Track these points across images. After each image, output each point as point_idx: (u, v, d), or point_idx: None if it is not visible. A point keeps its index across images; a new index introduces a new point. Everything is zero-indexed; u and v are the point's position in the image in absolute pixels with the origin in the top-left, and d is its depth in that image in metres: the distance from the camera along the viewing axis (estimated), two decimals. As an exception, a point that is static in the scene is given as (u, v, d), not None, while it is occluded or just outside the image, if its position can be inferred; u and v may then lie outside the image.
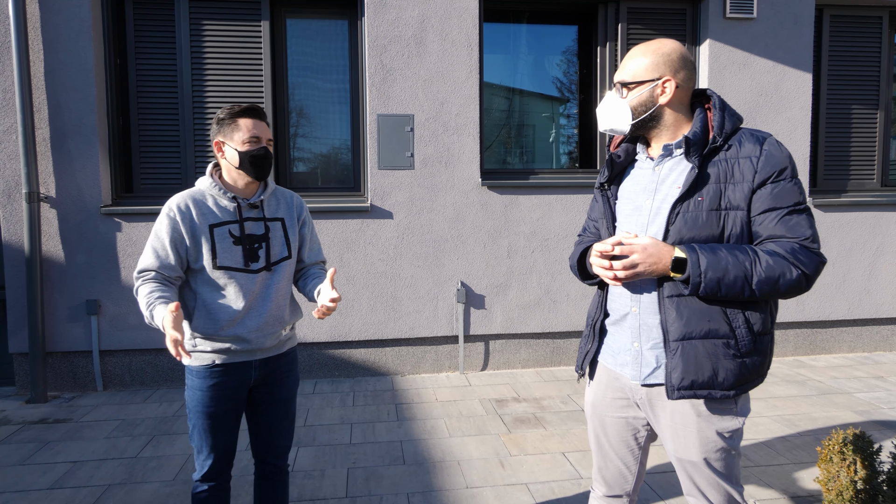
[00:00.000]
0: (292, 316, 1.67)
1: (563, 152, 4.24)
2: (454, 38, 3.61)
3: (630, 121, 1.29)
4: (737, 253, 1.17)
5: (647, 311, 1.29)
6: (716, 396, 1.22)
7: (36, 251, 3.30)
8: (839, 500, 1.87)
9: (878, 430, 2.83)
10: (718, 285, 1.16)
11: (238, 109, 1.55)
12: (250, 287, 1.55)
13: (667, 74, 1.25)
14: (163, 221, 1.53)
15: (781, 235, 1.19)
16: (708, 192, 1.21)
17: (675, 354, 1.22)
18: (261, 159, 1.56)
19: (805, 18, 3.87)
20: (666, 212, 1.25)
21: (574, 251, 1.48)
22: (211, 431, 1.57)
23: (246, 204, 1.59)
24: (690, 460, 1.27)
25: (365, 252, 3.66)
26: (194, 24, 3.55)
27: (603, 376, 1.43)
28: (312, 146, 3.86)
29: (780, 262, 1.16)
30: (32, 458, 2.62)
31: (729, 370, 1.21)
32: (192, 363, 1.58)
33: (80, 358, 3.52)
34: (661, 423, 1.32)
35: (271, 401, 1.66)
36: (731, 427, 1.25)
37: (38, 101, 3.33)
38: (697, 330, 1.21)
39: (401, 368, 3.79)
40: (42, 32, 3.31)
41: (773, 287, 1.16)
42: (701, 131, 1.24)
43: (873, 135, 4.20)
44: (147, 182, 3.63)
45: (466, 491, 2.30)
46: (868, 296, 4.11)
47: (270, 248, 1.59)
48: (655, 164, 1.32)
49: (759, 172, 1.20)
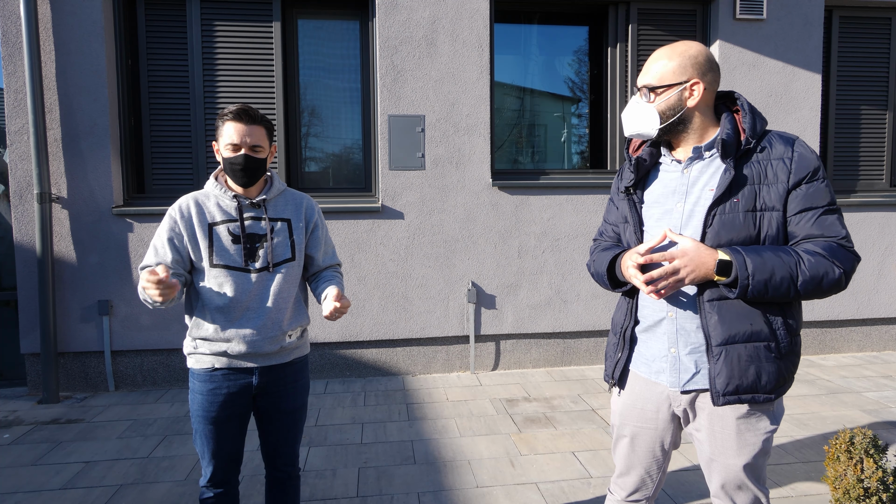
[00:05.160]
0: (296, 321, 1.61)
1: (573, 152, 4.24)
2: (465, 38, 3.62)
3: (658, 125, 1.27)
4: (780, 254, 1.16)
5: (684, 316, 1.26)
6: (759, 400, 1.21)
7: (48, 252, 3.31)
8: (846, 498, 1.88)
9: (886, 430, 2.83)
10: (766, 287, 1.15)
11: (226, 112, 1.51)
12: (248, 287, 1.52)
13: (695, 77, 1.24)
14: (165, 221, 1.55)
15: (819, 235, 1.19)
16: (743, 194, 1.20)
17: (718, 360, 1.21)
18: (238, 167, 1.50)
19: (815, 19, 3.87)
20: (701, 215, 1.24)
21: (598, 259, 1.43)
22: (213, 437, 1.55)
23: (247, 203, 1.57)
24: (726, 462, 1.26)
25: (376, 252, 3.66)
26: (206, 25, 3.56)
27: (635, 386, 1.39)
28: (324, 146, 3.87)
29: (822, 262, 1.16)
30: (45, 458, 2.63)
31: (770, 373, 1.20)
32: (193, 366, 1.57)
33: (91, 358, 3.52)
34: (700, 427, 1.30)
35: (277, 411, 1.62)
36: (768, 429, 1.25)
37: (49, 102, 3.34)
38: (741, 333, 1.20)
39: (412, 368, 3.79)
40: (54, 33, 3.32)
41: (816, 286, 1.16)
42: (733, 133, 1.23)
43: (882, 135, 4.20)
44: (159, 182, 3.64)
45: (477, 490, 2.31)
46: (877, 295, 4.12)
47: (272, 248, 1.56)
48: (684, 167, 1.30)
49: (793, 173, 1.20)
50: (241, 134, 1.50)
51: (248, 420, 1.63)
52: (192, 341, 1.57)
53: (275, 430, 1.64)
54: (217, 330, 1.53)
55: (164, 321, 3.51)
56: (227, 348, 1.54)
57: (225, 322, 1.53)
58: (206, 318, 1.54)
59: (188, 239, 1.53)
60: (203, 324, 1.54)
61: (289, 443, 1.67)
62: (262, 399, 1.62)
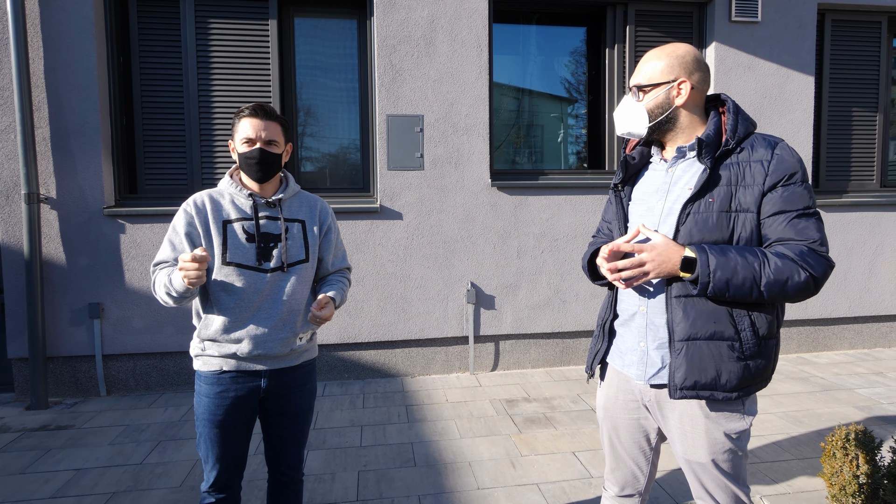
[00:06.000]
0: (308, 324, 1.59)
1: (572, 153, 4.26)
2: (464, 38, 3.61)
3: (647, 123, 1.30)
4: (746, 254, 1.17)
5: (654, 311, 1.29)
6: (718, 398, 1.22)
7: (36, 253, 3.22)
8: (842, 494, 1.91)
9: (878, 426, 2.87)
10: (727, 286, 1.16)
11: (242, 109, 1.53)
12: (260, 287, 1.50)
13: (682, 76, 1.27)
14: (180, 216, 1.53)
15: (790, 238, 1.19)
16: (719, 194, 1.22)
17: (679, 354, 1.23)
18: (253, 161, 1.50)
19: (808, 22, 3.93)
20: (677, 212, 1.26)
21: (586, 252, 1.48)
22: (218, 441, 1.53)
23: (263, 202, 1.55)
24: (699, 461, 1.28)
25: (374, 253, 3.63)
26: (200, 23, 3.50)
27: (613, 378, 1.43)
28: (321, 146, 3.82)
29: (788, 265, 1.16)
30: (34, 466, 2.55)
31: (732, 372, 1.21)
32: (200, 368, 1.55)
33: (82, 363, 3.44)
34: (669, 425, 1.32)
35: (283, 414, 1.60)
36: (738, 428, 1.25)
37: (37, 100, 3.25)
38: (703, 331, 1.21)
39: (411, 370, 3.76)
40: (42, 29, 3.23)
41: (781, 289, 1.16)
42: (714, 134, 1.25)
43: (873, 137, 4.28)
44: (152, 183, 3.57)
45: (478, 492, 2.29)
46: (868, 293, 4.19)
47: (286, 248, 1.55)
48: (669, 166, 1.33)
49: (769, 176, 1.21)
50: (256, 129, 1.51)
51: (253, 424, 1.61)
52: (199, 343, 1.54)
53: (280, 434, 1.62)
54: (226, 330, 1.50)
55: (157, 324, 3.44)
56: (236, 350, 1.51)
57: (235, 322, 1.50)
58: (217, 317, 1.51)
59: (204, 235, 1.51)
60: (211, 324, 1.52)
61: (294, 447, 1.64)
62: (268, 402, 1.60)
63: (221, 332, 1.50)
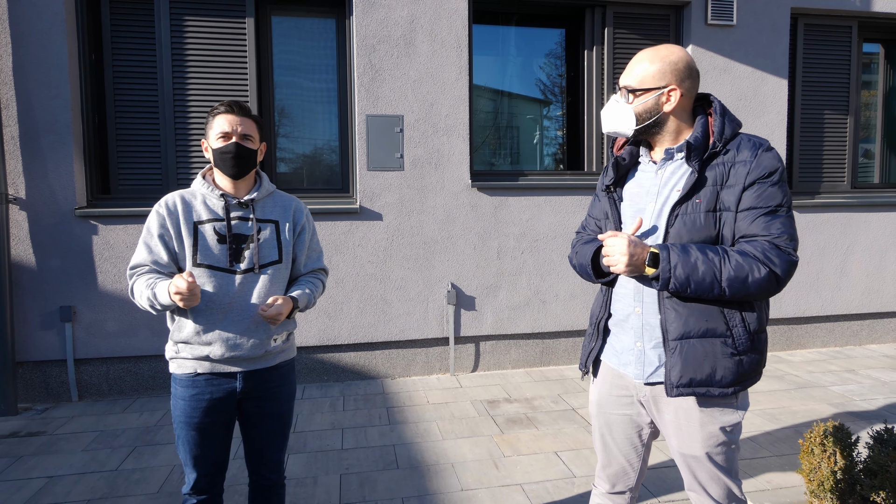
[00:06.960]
0: (282, 325, 1.59)
1: (550, 154, 4.28)
2: (444, 38, 3.60)
3: (634, 125, 1.32)
4: (708, 251, 1.20)
5: (649, 312, 1.32)
6: (714, 394, 1.25)
7: (4, 256, 3.13)
8: (820, 490, 1.95)
9: (852, 422, 2.94)
10: (688, 281, 1.19)
11: (217, 106, 1.53)
12: (230, 288, 1.49)
13: (673, 83, 1.28)
14: (153, 218, 1.52)
15: (755, 234, 1.22)
16: (705, 195, 1.25)
17: (674, 353, 1.26)
18: (229, 155, 1.50)
19: (782, 26, 4.01)
20: (666, 215, 1.29)
21: (581, 251, 1.47)
22: (196, 444, 1.52)
23: (235, 202, 1.54)
24: (693, 455, 1.30)
25: (354, 254, 3.61)
26: (175, 20, 3.43)
27: (607, 375, 1.45)
28: (298, 147, 3.79)
29: (749, 261, 1.19)
30: (5, 473, 2.48)
31: (727, 368, 1.24)
32: (175, 371, 1.54)
33: (53, 367, 3.35)
34: (664, 420, 1.34)
35: (262, 416, 1.59)
36: (732, 421, 1.29)
37: (5, 98, 3.16)
38: (695, 329, 1.24)
39: (391, 371, 3.75)
40: (10, 24, 3.14)
41: (742, 285, 1.18)
42: (702, 136, 1.27)
43: (844, 139, 4.38)
44: (125, 183, 3.49)
45: (462, 493, 2.29)
46: (839, 293, 4.29)
47: (258, 249, 1.53)
48: (658, 168, 1.35)
49: (749, 174, 1.23)
50: (232, 123, 1.51)
51: (233, 426, 1.60)
52: (173, 345, 1.53)
53: (260, 436, 1.61)
54: (198, 333, 1.49)
55: (130, 327, 3.38)
56: (208, 352, 1.50)
57: (206, 324, 1.49)
58: (188, 321, 1.50)
59: (175, 237, 1.50)
60: (184, 326, 1.50)
61: (274, 449, 1.63)
62: (247, 403, 1.58)
63: (193, 334, 1.49)
